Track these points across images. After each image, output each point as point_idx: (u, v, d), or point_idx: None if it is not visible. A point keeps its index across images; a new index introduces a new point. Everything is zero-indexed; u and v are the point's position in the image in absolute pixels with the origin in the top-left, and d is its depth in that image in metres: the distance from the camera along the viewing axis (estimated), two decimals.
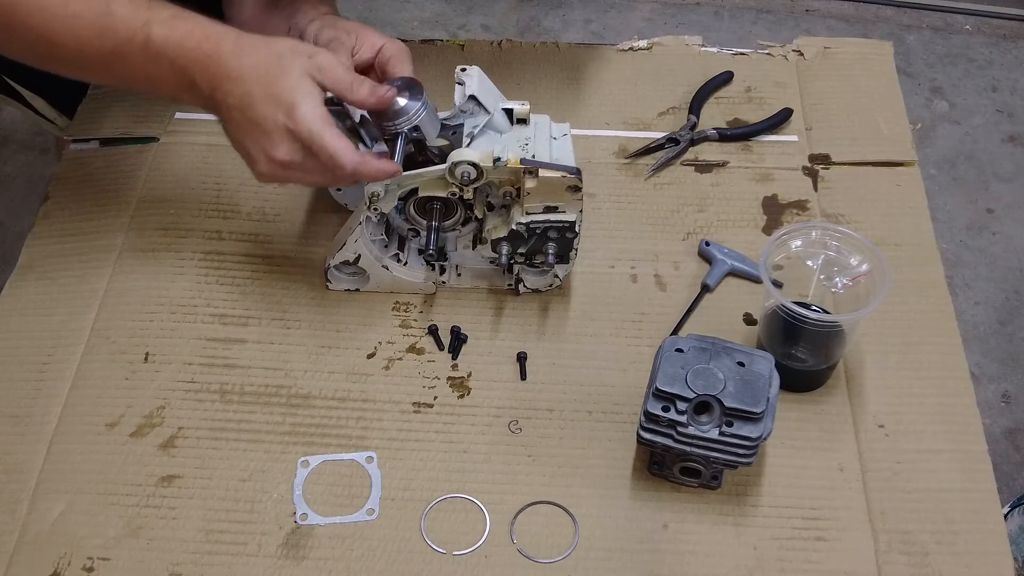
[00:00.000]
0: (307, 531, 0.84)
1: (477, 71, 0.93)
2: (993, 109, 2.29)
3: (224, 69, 0.82)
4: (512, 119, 0.93)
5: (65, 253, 1.02)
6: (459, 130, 0.91)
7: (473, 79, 0.92)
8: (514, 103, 0.93)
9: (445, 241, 0.96)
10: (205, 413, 0.91)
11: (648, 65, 1.21)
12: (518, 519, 0.85)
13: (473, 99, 0.91)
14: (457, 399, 0.92)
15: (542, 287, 0.98)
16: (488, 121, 0.92)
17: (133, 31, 0.82)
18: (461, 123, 0.92)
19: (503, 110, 0.93)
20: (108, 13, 0.82)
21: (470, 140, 0.90)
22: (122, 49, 0.82)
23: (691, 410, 0.80)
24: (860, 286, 0.89)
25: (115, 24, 0.82)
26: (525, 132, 0.93)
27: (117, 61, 0.83)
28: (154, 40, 0.82)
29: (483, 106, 0.91)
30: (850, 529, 0.84)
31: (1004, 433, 1.77)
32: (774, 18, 2.49)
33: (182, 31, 0.82)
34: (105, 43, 0.82)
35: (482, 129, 0.91)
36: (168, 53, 0.82)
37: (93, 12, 0.82)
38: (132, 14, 0.82)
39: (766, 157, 1.12)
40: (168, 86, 0.85)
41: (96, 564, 0.82)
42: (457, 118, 0.92)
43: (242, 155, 0.86)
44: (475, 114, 0.92)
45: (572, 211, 0.90)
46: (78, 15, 0.82)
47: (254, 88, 0.81)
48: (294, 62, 0.82)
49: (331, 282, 0.99)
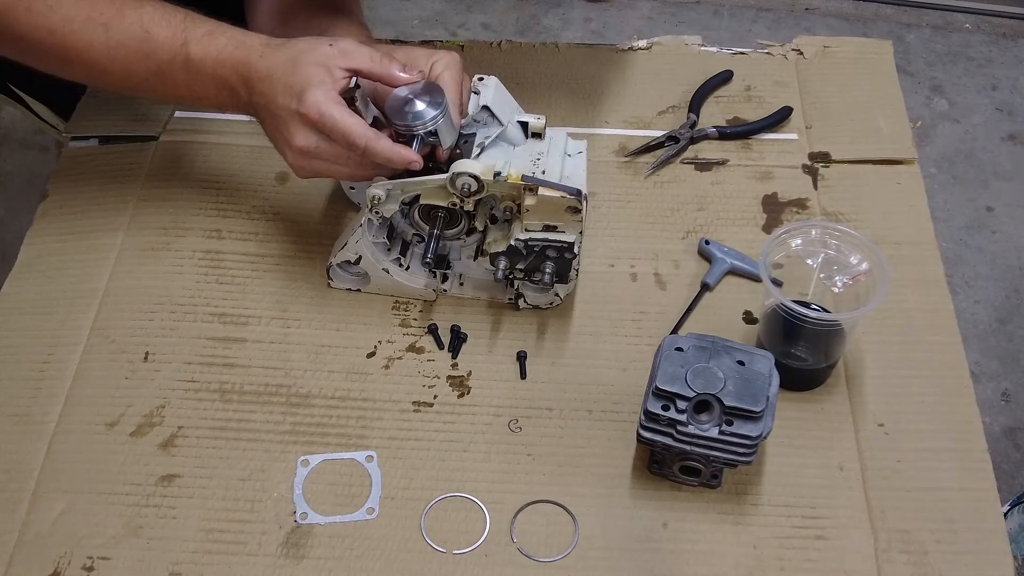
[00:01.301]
0: (307, 530, 0.84)
1: (494, 81, 0.92)
2: (993, 107, 2.29)
3: (255, 72, 0.86)
4: (527, 132, 0.93)
5: (64, 252, 1.02)
6: (471, 140, 0.91)
7: (489, 89, 0.91)
8: (530, 116, 0.92)
9: (448, 249, 0.96)
10: (205, 412, 0.91)
11: (648, 64, 1.21)
12: (518, 518, 0.85)
13: (486, 109, 0.90)
14: (457, 398, 0.92)
15: (543, 304, 0.98)
16: (501, 133, 0.91)
17: (173, 53, 0.87)
18: (473, 132, 0.91)
19: (519, 123, 0.92)
20: (148, 39, 0.87)
21: (480, 151, 0.90)
22: (164, 70, 0.88)
23: (691, 409, 0.80)
24: (860, 285, 0.89)
25: (155, 48, 0.87)
26: (539, 147, 0.92)
27: (161, 81, 0.89)
28: (193, 58, 0.87)
29: (496, 117, 0.90)
30: (850, 528, 0.84)
31: (1004, 432, 1.78)
32: (774, 17, 2.49)
33: (217, 46, 0.87)
34: (149, 65, 0.88)
35: (494, 140, 0.91)
36: (207, 68, 0.87)
37: (135, 40, 0.87)
38: (170, 36, 0.87)
39: (766, 155, 1.12)
40: (212, 98, 0.90)
41: (96, 563, 0.82)
42: (470, 127, 0.91)
43: (279, 152, 0.90)
44: (488, 125, 0.91)
45: (572, 232, 0.89)
46: (121, 44, 0.87)
47: (275, 83, 0.85)
48: (310, 55, 0.85)
49: (333, 280, 0.99)
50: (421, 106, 0.86)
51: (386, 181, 0.88)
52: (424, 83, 0.87)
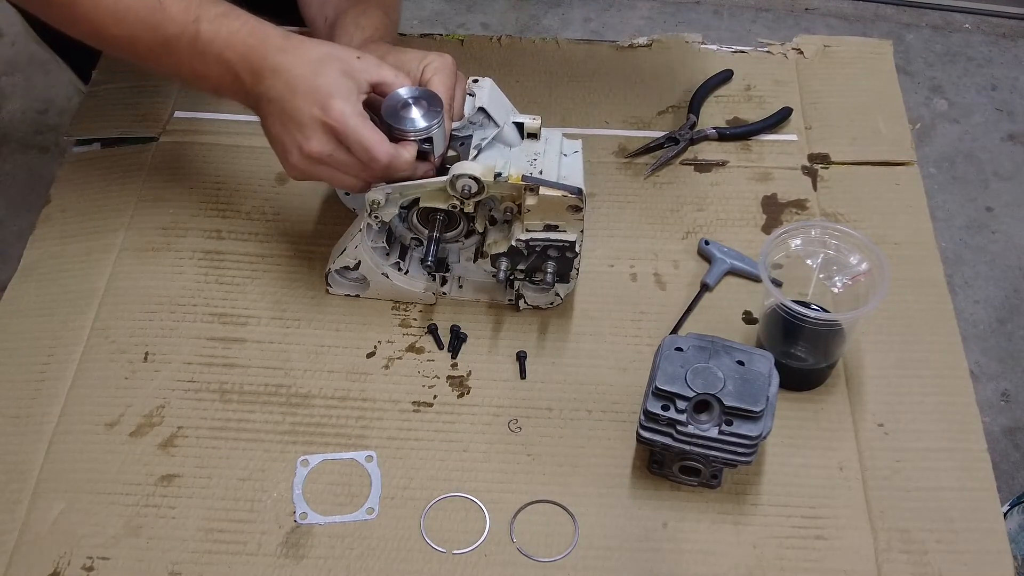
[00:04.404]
0: (307, 530, 0.84)
1: (489, 83, 0.92)
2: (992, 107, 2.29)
3: (269, 63, 0.85)
4: (523, 133, 0.93)
5: (65, 254, 1.02)
6: (467, 142, 0.91)
7: (484, 91, 0.91)
8: (525, 117, 0.92)
9: (447, 252, 0.96)
10: (205, 412, 0.91)
11: (648, 62, 1.21)
12: (518, 518, 0.85)
13: (482, 111, 0.90)
14: (457, 398, 0.92)
15: (543, 304, 0.98)
16: (497, 134, 0.91)
17: (183, 27, 0.86)
18: (470, 135, 0.91)
19: (514, 123, 0.92)
20: (159, 8, 0.86)
21: (477, 152, 0.90)
22: (171, 44, 0.86)
23: (691, 409, 0.80)
24: (859, 285, 0.89)
25: (166, 20, 0.86)
26: (535, 147, 0.92)
27: (166, 54, 0.87)
28: (202, 36, 0.86)
29: (492, 119, 0.90)
30: (850, 528, 0.84)
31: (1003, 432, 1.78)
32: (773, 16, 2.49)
33: (230, 28, 0.86)
34: (156, 36, 0.87)
35: (490, 142, 0.91)
36: (214, 49, 0.86)
37: (145, 8, 0.86)
38: (183, 10, 0.86)
39: (765, 156, 1.12)
40: (212, 81, 0.88)
41: (96, 563, 0.82)
42: (466, 129, 0.91)
43: (276, 149, 0.89)
44: (484, 126, 0.91)
45: (573, 231, 0.89)
46: (130, 9, 0.86)
47: (294, 82, 0.84)
48: (336, 62, 0.85)
49: (331, 286, 0.99)
50: (419, 112, 0.86)
51: (385, 185, 0.88)
52: (422, 90, 0.87)
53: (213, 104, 1.14)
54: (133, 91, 1.17)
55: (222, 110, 1.14)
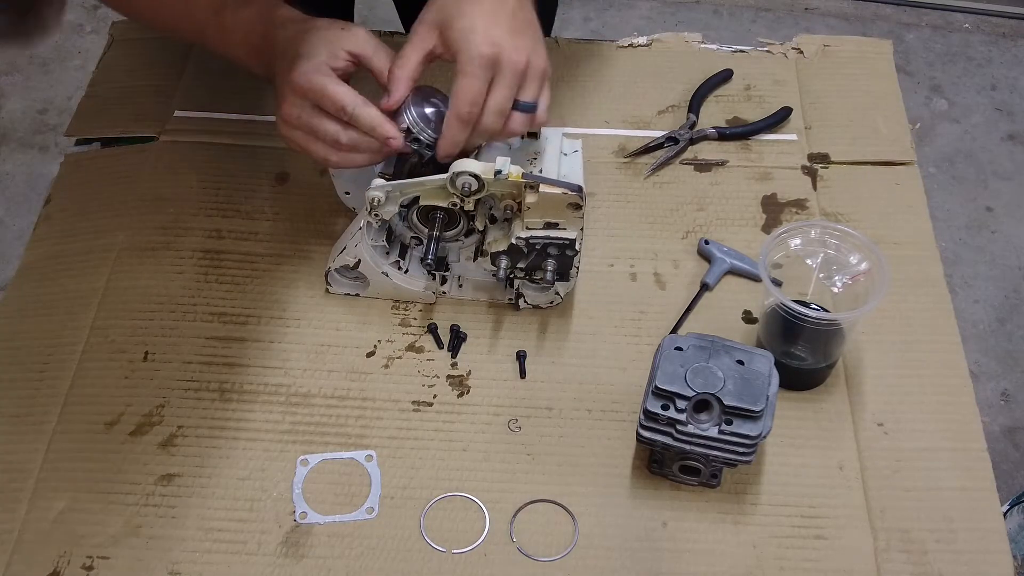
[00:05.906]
0: (306, 529, 0.84)
1: None
2: (992, 107, 2.29)
3: (269, 41, 0.89)
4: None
5: (65, 253, 1.02)
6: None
7: None
8: None
9: (447, 251, 0.96)
10: (204, 412, 0.91)
11: (647, 62, 1.21)
12: (517, 517, 0.85)
13: None
14: (456, 398, 0.92)
15: (543, 303, 0.98)
16: None
17: (208, 18, 0.92)
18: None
19: None
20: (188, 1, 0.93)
21: (477, 151, 0.90)
22: (202, 31, 0.94)
23: (690, 408, 0.80)
24: (859, 284, 0.89)
25: (194, 12, 0.93)
26: (535, 146, 0.92)
27: (199, 38, 0.95)
28: (226, 25, 0.91)
29: None
30: (849, 527, 0.84)
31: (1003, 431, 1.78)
32: (773, 16, 2.50)
33: (246, 15, 0.91)
34: (190, 26, 0.95)
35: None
36: (237, 36, 0.91)
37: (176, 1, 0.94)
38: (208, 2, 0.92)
39: (765, 156, 1.12)
40: (243, 62, 0.93)
41: (96, 563, 0.82)
42: None
43: None
44: None
45: (573, 229, 0.89)
46: (164, 4, 0.96)
47: (280, 51, 0.88)
48: (317, 31, 0.87)
49: (331, 286, 0.99)
50: (430, 110, 0.87)
51: (385, 183, 0.88)
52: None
53: (213, 104, 1.14)
54: (133, 91, 1.17)
55: (222, 110, 1.14)
